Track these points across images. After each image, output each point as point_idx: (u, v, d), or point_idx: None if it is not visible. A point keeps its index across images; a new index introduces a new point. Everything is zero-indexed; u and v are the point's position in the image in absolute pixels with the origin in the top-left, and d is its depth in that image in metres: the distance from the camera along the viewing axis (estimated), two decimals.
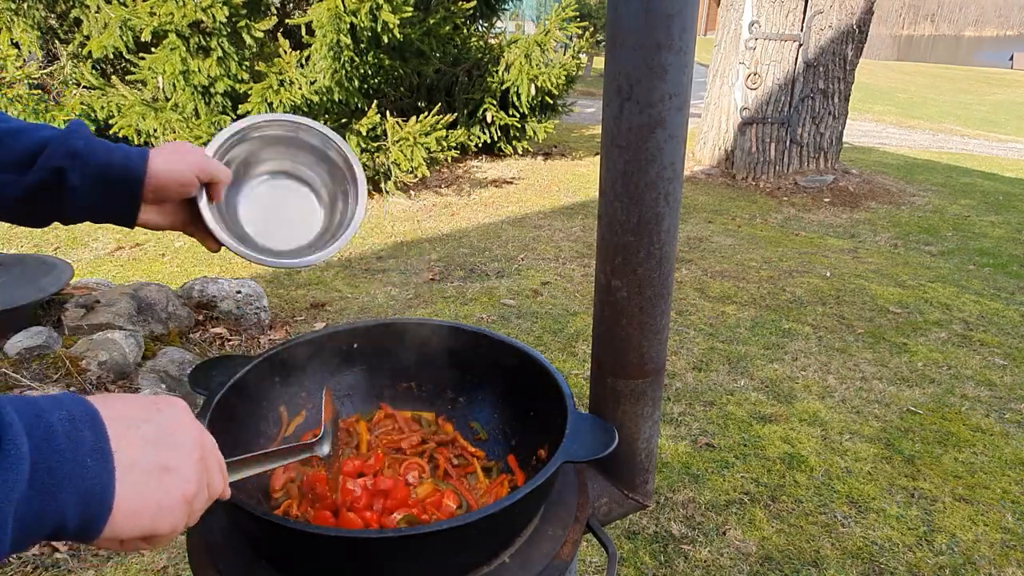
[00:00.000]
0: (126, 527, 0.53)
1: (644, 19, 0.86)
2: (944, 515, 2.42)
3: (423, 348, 1.20)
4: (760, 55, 6.75)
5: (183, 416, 0.60)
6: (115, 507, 0.51)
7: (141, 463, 0.54)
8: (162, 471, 0.55)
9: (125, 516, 0.52)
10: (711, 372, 3.30)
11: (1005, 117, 14.98)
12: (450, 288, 4.14)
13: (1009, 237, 5.91)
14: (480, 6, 7.13)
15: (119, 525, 0.52)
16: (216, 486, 0.64)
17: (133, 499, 0.53)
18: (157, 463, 0.55)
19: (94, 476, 0.50)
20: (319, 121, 5.23)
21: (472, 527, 0.77)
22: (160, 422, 0.57)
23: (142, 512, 0.53)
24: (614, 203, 0.97)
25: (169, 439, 0.57)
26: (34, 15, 5.21)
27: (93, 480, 0.50)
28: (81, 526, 0.50)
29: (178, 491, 0.56)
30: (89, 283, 3.33)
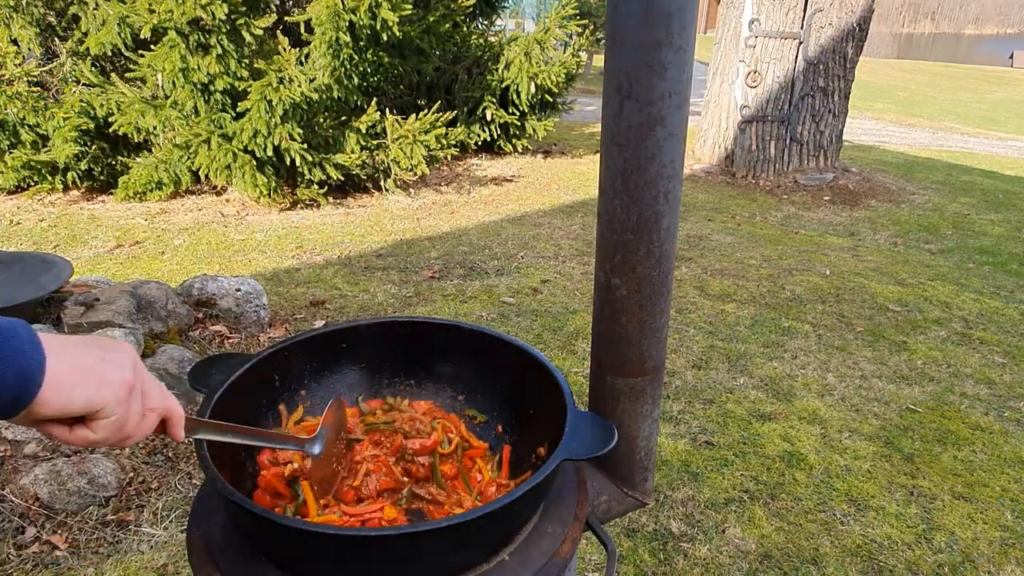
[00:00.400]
0: (64, 395, 0.62)
1: (644, 17, 0.85)
2: (943, 513, 2.42)
3: (423, 346, 1.20)
4: (760, 53, 6.74)
5: (116, 340, 0.71)
6: (47, 380, 0.61)
7: (78, 351, 0.65)
8: (100, 359, 0.66)
9: (60, 384, 0.62)
10: (711, 370, 3.31)
11: (1005, 115, 14.98)
12: (450, 286, 4.14)
13: (1009, 235, 5.91)
14: (480, 4, 7.12)
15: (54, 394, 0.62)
16: (156, 399, 0.72)
17: (70, 372, 0.63)
18: (94, 354, 0.66)
19: (28, 356, 0.60)
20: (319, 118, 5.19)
21: (472, 525, 0.77)
22: (90, 338, 0.69)
23: (85, 382, 0.64)
24: (614, 201, 0.97)
25: (105, 345, 0.69)
26: (33, 12, 5.20)
27: (28, 358, 0.60)
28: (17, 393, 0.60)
29: (117, 374, 0.66)
30: (89, 281, 3.33)
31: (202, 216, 5.26)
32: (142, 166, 5.32)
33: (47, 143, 5.23)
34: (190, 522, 0.93)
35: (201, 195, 5.72)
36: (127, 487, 2.28)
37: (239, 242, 4.75)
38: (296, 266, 4.35)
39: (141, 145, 5.51)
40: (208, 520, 0.92)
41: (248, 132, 4.94)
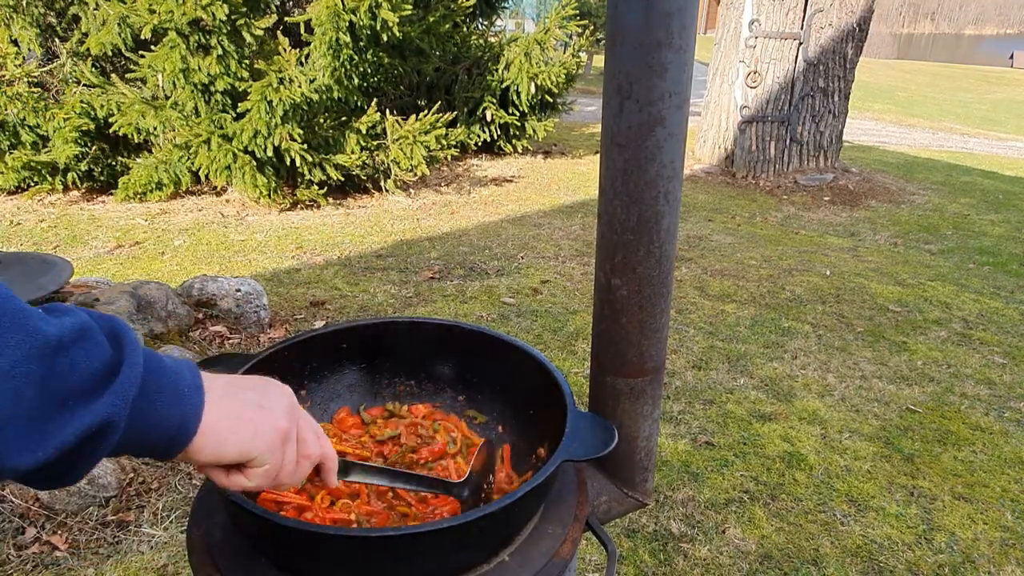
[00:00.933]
0: (217, 445, 0.62)
1: (644, 17, 0.85)
2: (943, 513, 2.42)
3: (423, 347, 1.20)
4: (760, 53, 6.74)
5: (274, 382, 0.72)
6: (202, 427, 0.61)
7: (236, 397, 0.65)
8: (256, 406, 0.66)
9: (215, 433, 0.62)
10: (711, 371, 3.30)
11: (1005, 116, 14.98)
12: (450, 286, 4.14)
13: (1009, 236, 5.91)
14: (480, 4, 7.12)
15: (207, 442, 0.62)
16: (312, 447, 0.72)
17: (225, 421, 0.63)
18: (251, 400, 0.66)
19: (188, 400, 0.60)
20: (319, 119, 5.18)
21: (472, 525, 0.77)
22: (255, 379, 0.70)
23: (239, 431, 0.64)
24: (614, 201, 0.97)
25: (260, 389, 0.69)
26: (33, 12, 5.20)
27: (187, 403, 0.60)
28: (174, 436, 0.59)
29: (271, 423, 0.66)
30: (89, 281, 3.33)
31: (202, 216, 5.26)
32: (142, 167, 5.32)
33: (47, 144, 5.23)
34: (190, 522, 0.93)
35: (201, 196, 5.73)
36: (127, 487, 2.28)
37: (239, 243, 4.75)
38: (296, 266, 4.35)
39: (141, 146, 5.51)
40: (208, 520, 0.92)
41: (248, 132, 4.94)
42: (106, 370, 0.54)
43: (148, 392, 0.57)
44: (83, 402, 0.53)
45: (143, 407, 0.57)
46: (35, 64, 5.34)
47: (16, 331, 0.49)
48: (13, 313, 0.50)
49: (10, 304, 0.50)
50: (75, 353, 0.53)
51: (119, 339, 0.57)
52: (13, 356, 0.49)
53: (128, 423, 0.56)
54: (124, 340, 0.57)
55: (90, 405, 0.53)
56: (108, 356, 0.55)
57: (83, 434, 0.53)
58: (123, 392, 0.55)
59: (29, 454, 0.51)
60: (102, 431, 0.54)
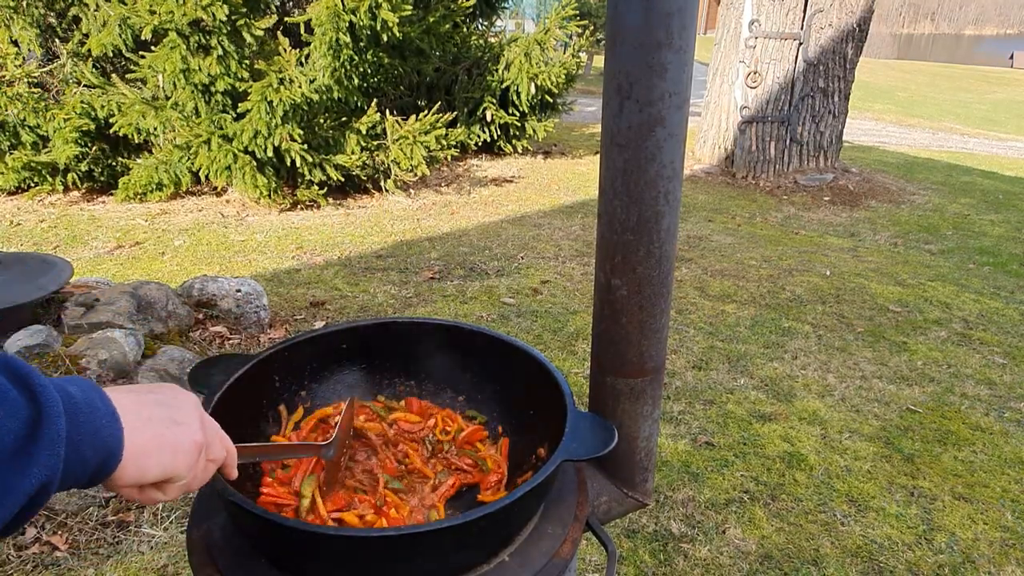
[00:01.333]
0: (141, 469, 0.62)
1: (644, 17, 0.85)
2: (944, 514, 2.42)
3: (423, 347, 1.20)
4: (760, 53, 6.74)
5: (182, 391, 0.71)
6: (125, 455, 0.60)
7: (153, 418, 0.64)
8: (172, 422, 0.65)
9: (137, 459, 0.61)
10: (711, 371, 3.30)
11: (1005, 116, 14.98)
12: (450, 287, 4.14)
13: (1009, 236, 5.91)
14: (480, 4, 7.12)
15: (132, 468, 0.61)
16: (218, 450, 0.72)
17: (148, 444, 0.62)
18: (167, 417, 0.65)
19: (108, 433, 0.58)
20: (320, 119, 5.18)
21: (472, 526, 0.77)
22: (162, 391, 0.68)
23: (161, 452, 0.63)
24: (614, 202, 0.97)
25: (173, 402, 0.67)
26: (33, 13, 5.21)
27: (108, 436, 0.58)
28: (97, 470, 0.58)
29: (189, 438, 0.66)
30: (89, 282, 3.33)
31: (202, 217, 5.26)
32: (142, 167, 5.32)
33: (47, 144, 5.24)
34: (190, 523, 0.93)
35: (201, 196, 5.73)
36: None
37: (239, 243, 4.75)
38: (296, 267, 4.35)
39: (141, 146, 5.52)
40: (208, 521, 0.92)
41: (248, 133, 4.94)
42: (28, 429, 0.51)
43: (72, 438, 0.54)
44: (14, 473, 0.50)
45: (70, 455, 0.54)
46: (35, 64, 5.34)
47: None
48: None
49: None
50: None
51: (28, 385, 0.53)
52: None
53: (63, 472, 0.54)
54: (34, 385, 0.53)
55: (23, 474, 0.50)
56: (26, 412, 0.51)
57: (23, 503, 0.51)
58: (53, 450, 0.52)
59: None
60: (41, 492, 0.52)
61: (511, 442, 1.12)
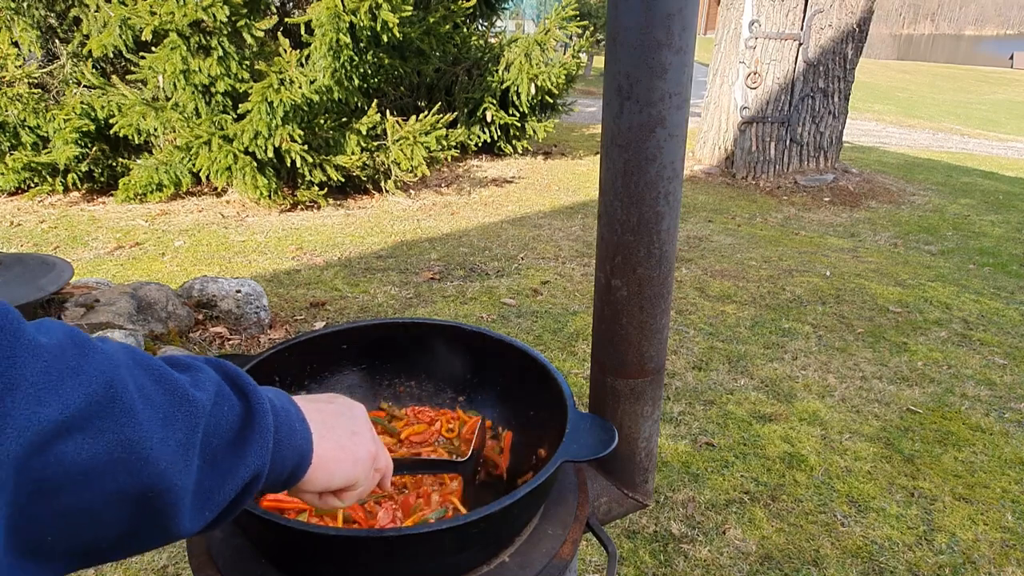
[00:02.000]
0: (328, 474, 0.65)
1: (644, 18, 0.85)
2: (944, 514, 2.42)
3: (423, 348, 1.20)
4: (760, 54, 6.74)
5: (352, 401, 0.74)
6: (315, 460, 0.63)
7: (336, 427, 0.68)
8: (352, 433, 0.69)
9: (325, 465, 0.64)
10: (711, 371, 3.30)
11: (1005, 116, 14.98)
12: (450, 287, 4.14)
13: (1009, 236, 5.91)
14: (480, 5, 7.13)
15: (320, 473, 0.64)
16: (384, 460, 0.75)
17: (332, 452, 0.65)
18: (347, 428, 0.69)
19: (301, 437, 0.62)
20: (320, 120, 5.18)
21: (472, 527, 0.77)
22: (337, 401, 0.72)
23: (343, 461, 0.66)
24: (614, 202, 0.97)
25: (348, 413, 0.71)
26: (34, 14, 5.21)
27: (301, 440, 0.62)
28: (292, 473, 0.61)
29: (365, 449, 0.70)
30: (89, 282, 3.33)
31: (202, 218, 5.26)
32: (142, 168, 5.32)
33: (48, 145, 5.24)
34: None
35: (201, 197, 5.73)
36: None
37: (239, 243, 4.75)
38: (296, 267, 4.35)
39: (142, 147, 5.52)
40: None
41: (249, 134, 4.94)
42: (242, 423, 0.56)
43: (279, 436, 0.59)
44: (234, 460, 0.54)
45: (275, 451, 0.58)
46: (35, 65, 5.34)
47: (181, 404, 0.50)
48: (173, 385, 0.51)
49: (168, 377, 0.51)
50: (217, 412, 0.54)
51: (242, 387, 0.58)
52: (181, 432, 0.50)
53: (269, 467, 0.58)
54: (247, 388, 0.58)
55: (241, 461, 0.54)
56: (240, 409, 0.56)
57: (239, 490, 0.55)
58: (263, 442, 0.56)
59: (199, 519, 0.52)
60: (252, 482, 0.56)
61: (511, 442, 1.13)
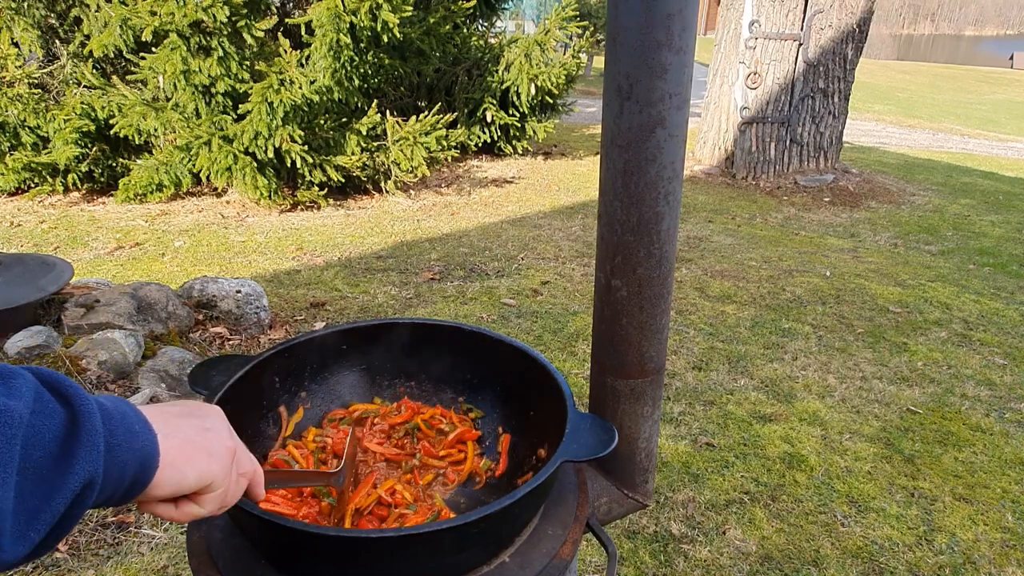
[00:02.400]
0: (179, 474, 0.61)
1: (644, 18, 0.85)
2: (944, 515, 2.42)
3: (423, 348, 1.20)
4: (760, 54, 6.74)
5: (204, 403, 0.72)
6: (162, 460, 0.59)
7: (183, 425, 0.64)
8: (203, 429, 0.65)
9: (174, 463, 0.60)
10: (711, 372, 3.30)
11: (1005, 117, 14.98)
12: (450, 287, 4.14)
13: (1009, 237, 5.91)
14: (480, 5, 7.13)
15: (170, 474, 0.60)
16: (247, 463, 0.72)
17: (183, 448, 0.62)
18: (196, 424, 0.65)
19: (144, 439, 0.58)
20: (320, 120, 5.18)
21: (472, 527, 0.77)
22: (186, 404, 0.68)
23: (193, 456, 0.62)
24: (614, 203, 0.97)
25: (198, 412, 0.68)
26: (34, 14, 5.21)
27: (143, 442, 0.58)
28: (135, 479, 0.57)
29: (221, 443, 0.66)
30: (89, 283, 3.33)
31: (202, 218, 5.26)
32: (142, 168, 5.32)
33: (48, 145, 5.24)
34: (190, 524, 0.93)
35: (201, 197, 5.73)
36: None
37: (239, 244, 4.75)
38: (296, 268, 4.35)
39: (142, 147, 5.52)
40: (208, 522, 0.92)
41: (249, 134, 4.94)
42: (66, 431, 0.52)
43: (108, 441, 0.54)
44: (60, 471, 0.50)
45: (108, 458, 0.54)
46: (36, 66, 5.34)
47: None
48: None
49: None
50: (35, 421, 0.49)
51: (64, 393, 0.54)
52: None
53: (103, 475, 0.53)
54: (69, 392, 0.54)
55: (69, 471, 0.50)
56: (63, 416, 0.52)
57: (69, 503, 0.51)
58: (93, 447, 0.52)
59: (25, 541, 0.48)
60: (85, 493, 0.52)
61: (511, 443, 1.13)
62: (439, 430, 1.13)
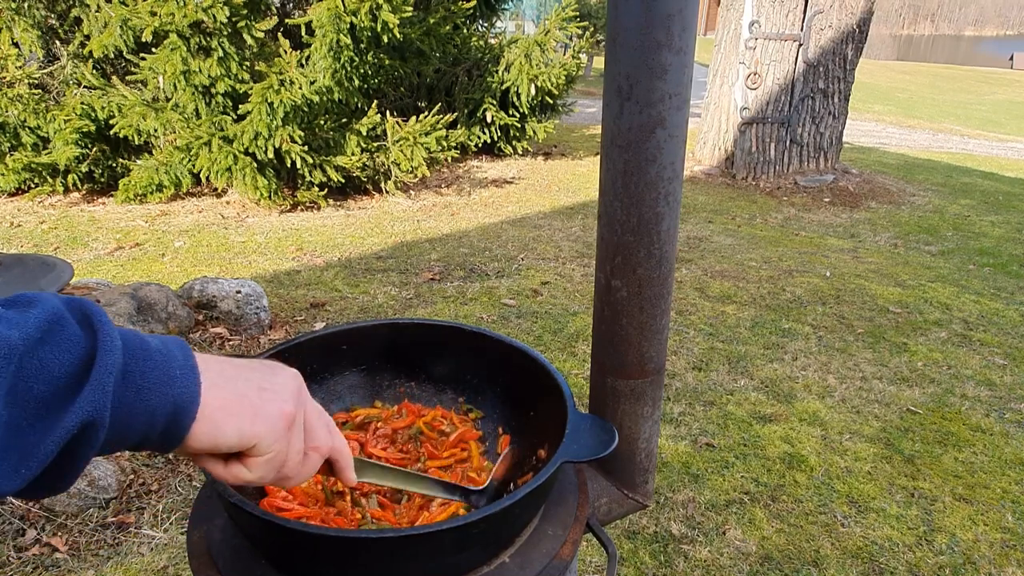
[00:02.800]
0: (216, 429, 0.56)
1: (644, 18, 0.86)
2: (944, 515, 2.42)
3: (423, 349, 1.20)
4: (760, 55, 6.75)
5: (282, 366, 0.65)
6: (200, 413, 0.54)
7: (237, 378, 0.58)
8: (259, 388, 0.59)
9: (213, 417, 0.55)
10: (711, 372, 3.30)
11: (1005, 117, 14.98)
12: (450, 288, 4.14)
13: (1009, 237, 5.91)
14: (480, 6, 7.13)
15: (206, 427, 0.55)
16: (323, 438, 0.66)
17: (223, 401, 0.56)
18: (252, 381, 0.60)
19: (180, 384, 0.53)
20: (320, 120, 5.19)
21: (472, 527, 0.77)
22: (254, 362, 0.63)
23: (240, 413, 0.57)
24: (614, 203, 0.97)
25: (265, 371, 0.62)
26: (35, 15, 5.21)
27: (180, 387, 0.53)
28: (168, 425, 0.53)
29: (276, 405, 0.59)
30: (89, 283, 3.33)
31: (202, 218, 5.26)
32: (143, 168, 5.32)
33: (48, 145, 5.24)
34: (190, 524, 0.93)
35: (201, 197, 5.73)
36: (127, 489, 2.28)
37: (239, 244, 4.75)
38: (296, 268, 4.35)
39: (142, 147, 5.52)
40: (209, 522, 0.92)
41: (249, 134, 4.94)
42: (80, 363, 0.48)
43: (132, 379, 0.51)
44: (59, 406, 0.47)
45: (128, 397, 0.50)
46: (36, 66, 5.34)
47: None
48: None
49: None
50: (44, 352, 0.47)
51: (91, 322, 0.50)
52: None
53: (113, 417, 0.49)
54: (96, 323, 0.50)
55: (68, 407, 0.47)
56: (82, 347, 0.49)
57: (65, 441, 0.47)
58: (101, 384, 0.48)
59: (13, 475, 0.46)
60: (85, 432, 0.48)
61: (511, 443, 1.12)
62: (441, 431, 1.13)
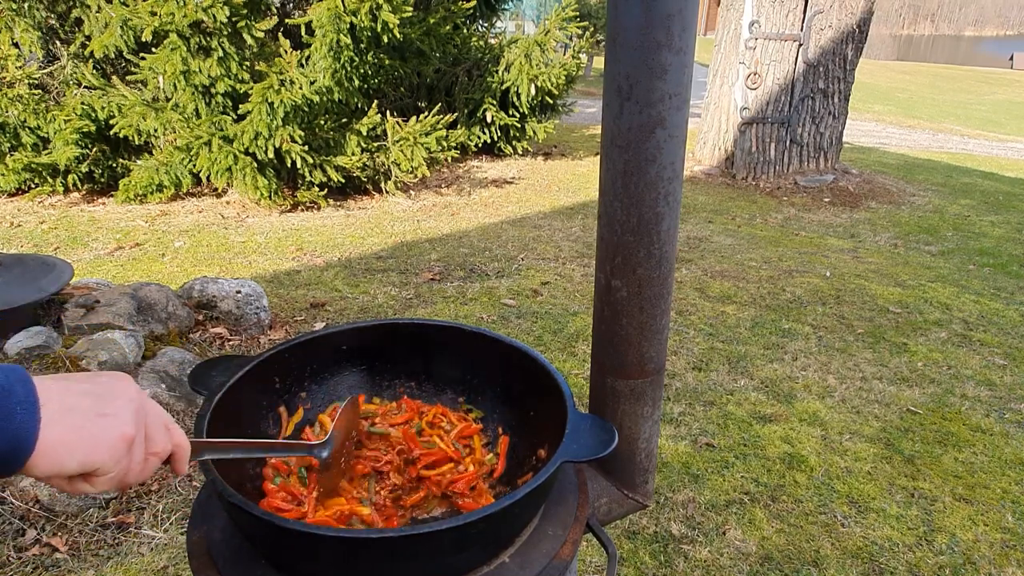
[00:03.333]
0: (57, 461, 0.60)
1: (644, 19, 0.86)
2: (944, 515, 2.42)
3: (423, 348, 1.20)
4: (760, 55, 6.75)
5: (120, 380, 0.68)
6: (39, 446, 0.58)
7: (76, 408, 0.62)
8: (98, 415, 0.63)
9: (54, 450, 0.59)
10: (711, 372, 3.30)
11: (1005, 117, 14.98)
12: (450, 288, 4.14)
13: (1009, 237, 5.91)
14: (480, 6, 7.13)
15: (46, 460, 0.59)
16: (161, 443, 0.70)
17: (64, 437, 0.60)
18: (92, 408, 0.63)
19: (20, 421, 0.57)
20: (320, 120, 5.18)
21: (472, 527, 0.77)
22: (96, 382, 0.66)
23: (76, 446, 0.61)
24: (614, 203, 0.97)
25: (105, 394, 0.65)
26: (35, 15, 5.21)
27: (19, 425, 0.57)
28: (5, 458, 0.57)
29: (116, 431, 0.64)
30: (89, 283, 3.33)
31: (202, 218, 5.26)
32: (143, 168, 5.32)
33: (48, 145, 5.24)
34: (190, 524, 0.93)
35: (201, 197, 5.73)
36: (127, 489, 2.28)
37: (239, 244, 4.75)
38: (296, 268, 4.35)
39: (142, 147, 5.52)
40: (208, 522, 0.92)
41: (249, 134, 4.94)
42: None
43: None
44: None
45: None
46: (36, 66, 5.34)
47: None
48: None
49: None
50: None
51: None
52: None
53: None
54: None
55: None
56: None
57: None
58: None
59: None
60: None
61: (511, 443, 1.12)
62: (441, 427, 1.13)
